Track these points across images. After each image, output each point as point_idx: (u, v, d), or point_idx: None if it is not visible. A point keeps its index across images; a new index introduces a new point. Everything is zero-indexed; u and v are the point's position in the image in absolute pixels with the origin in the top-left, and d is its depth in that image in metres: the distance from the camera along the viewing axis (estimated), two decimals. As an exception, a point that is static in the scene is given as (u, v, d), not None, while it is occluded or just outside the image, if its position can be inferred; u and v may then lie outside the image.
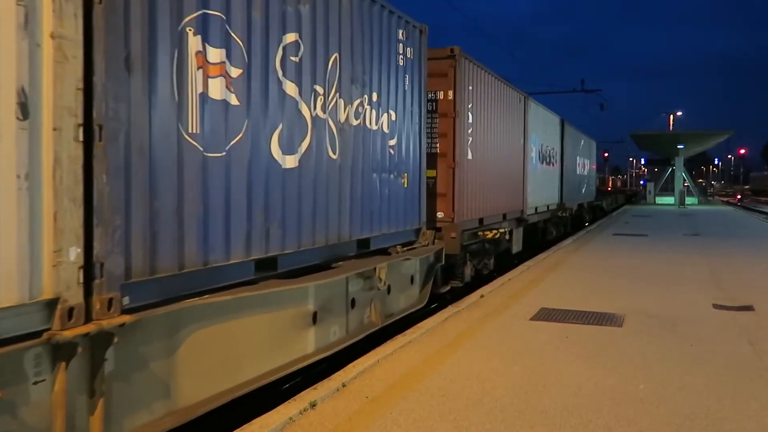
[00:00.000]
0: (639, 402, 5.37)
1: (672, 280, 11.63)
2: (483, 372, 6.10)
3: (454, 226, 10.33)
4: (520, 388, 5.66)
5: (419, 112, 8.78)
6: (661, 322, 8.30)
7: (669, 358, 6.67)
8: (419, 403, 5.27)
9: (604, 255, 15.61)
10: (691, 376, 6.07)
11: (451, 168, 10.44)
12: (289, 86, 5.64)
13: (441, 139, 10.50)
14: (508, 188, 14.04)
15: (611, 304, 9.42)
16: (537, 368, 6.25)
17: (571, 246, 17.84)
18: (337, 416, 4.96)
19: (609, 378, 5.98)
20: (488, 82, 12.38)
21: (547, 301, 9.62)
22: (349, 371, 6.02)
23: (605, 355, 6.74)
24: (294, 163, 5.73)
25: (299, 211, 5.83)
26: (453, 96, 10.46)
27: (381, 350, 6.79)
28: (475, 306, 9.27)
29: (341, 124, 6.59)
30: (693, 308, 9.20)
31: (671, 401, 5.41)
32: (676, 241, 19.01)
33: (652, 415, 5.08)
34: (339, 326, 6.60)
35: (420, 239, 8.82)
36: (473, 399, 5.37)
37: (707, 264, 13.94)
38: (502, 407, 5.20)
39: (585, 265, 13.80)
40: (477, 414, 5.06)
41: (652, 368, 6.31)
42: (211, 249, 4.66)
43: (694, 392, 5.64)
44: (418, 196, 8.77)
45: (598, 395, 5.51)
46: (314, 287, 6.01)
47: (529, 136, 16.11)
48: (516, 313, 8.77)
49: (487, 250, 12.86)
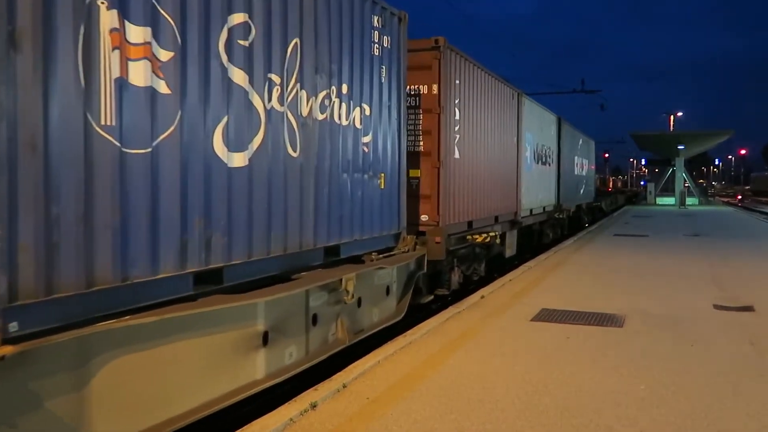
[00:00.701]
0: (640, 402, 5.38)
1: (673, 281, 11.57)
2: (484, 372, 6.11)
3: (439, 230, 9.59)
4: (520, 389, 5.66)
5: (398, 107, 8.04)
6: (661, 322, 8.29)
7: (670, 358, 6.66)
8: (420, 403, 5.28)
9: (605, 255, 15.57)
10: (692, 376, 6.08)
11: (436, 168, 9.67)
12: (237, 74, 4.93)
13: (425, 137, 9.73)
14: (501, 189, 13.29)
15: (612, 304, 9.40)
16: (538, 369, 6.25)
17: (572, 246, 17.80)
18: (337, 417, 4.96)
19: (610, 378, 5.99)
20: (477, 76, 11.60)
21: (548, 301, 9.59)
22: (350, 372, 6.02)
23: (606, 356, 6.73)
24: (243, 161, 5.02)
25: (250, 217, 5.12)
26: (438, 90, 9.69)
27: (382, 351, 6.78)
28: (475, 306, 9.26)
29: (303, 118, 5.88)
30: (694, 309, 9.17)
31: (672, 401, 5.41)
32: (677, 242, 18.95)
33: (653, 415, 5.07)
34: (297, 346, 5.83)
35: (399, 245, 8.11)
36: (474, 399, 5.39)
37: (708, 264, 13.86)
38: (503, 407, 5.21)
39: (586, 265, 13.76)
40: (478, 414, 5.06)
41: (653, 368, 6.30)
42: (132, 262, 3.96)
43: (695, 392, 5.64)
44: (398, 198, 8.04)
45: (599, 395, 5.52)
46: (264, 303, 5.26)
47: (523, 134, 15.31)
48: (517, 313, 8.78)
49: (478, 255, 12.14)
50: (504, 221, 13.62)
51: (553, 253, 16.26)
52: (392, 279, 8.06)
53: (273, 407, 5.17)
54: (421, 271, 8.80)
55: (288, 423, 4.79)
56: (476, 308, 9.14)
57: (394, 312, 8.14)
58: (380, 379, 5.87)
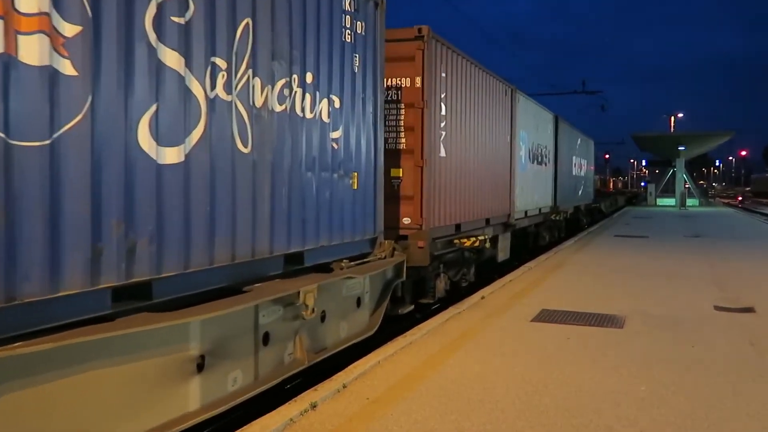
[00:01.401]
0: (640, 402, 5.36)
1: (673, 282, 11.50)
2: (484, 373, 6.09)
3: (422, 234, 8.91)
4: (520, 389, 5.63)
5: (374, 100, 7.38)
6: (662, 323, 8.25)
7: (670, 359, 6.63)
8: (420, 403, 5.26)
9: (606, 256, 15.53)
10: (693, 377, 6.05)
11: (420, 167, 8.98)
12: (169, 55, 4.24)
13: (407, 134, 9.04)
14: (492, 190, 12.59)
15: (612, 305, 9.37)
16: (538, 369, 6.23)
17: (573, 247, 17.73)
18: (337, 417, 4.93)
19: (610, 378, 5.97)
20: (466, 70, 10.89)
21: (548, 302, 9.56)
22: (350, 372, 5.98)
23: (606, 356, 6.70)
24: (178, 157, 4.31)
25: (187, 220, 4.42)
26: (421, 84, 8.99)
27: (382, 351, 6.74)
28: (476, 307, 9.23)
29: (257, 109, 5.21)
30: (694, 309, 9.14)
31: (672, 401, 5.39)
32: (677, 243, 18.89)
33: (653, 415, 5.05)
34: (244, 370, 5.11)
35: (376, 251, 7.46)
36: (474, 399, 5.36)
37: (708, 265, 13.81)
38: (503, 408, 5.18)
39: (586, 266, 13.74)
40: (478, 414, 5.04)
41: (653, 369, 6.28)
42: (23, 277, 3.28)
43: (695, 392, 5.62)
44: (373, 199, 7.37)
45: (599, 395, 5.49)
46: (200, 323, 4.52)
47: (517, 132, 14.61)
48: (517, 314, 8.73)
49: (467, 260, 11.44)
50: (496, 224, 12.96)
51: (554, 253, 16.12)
52: (364, 289, 7.34)
53: (273, 407, 5.10)
54: (400, 279, 8.15)
55: (288, 423, 4.76)
56: (477, 308, 9.10)
57: (367, 326, 7.42)
58: (380, 380, 5.87)
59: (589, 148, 30.64)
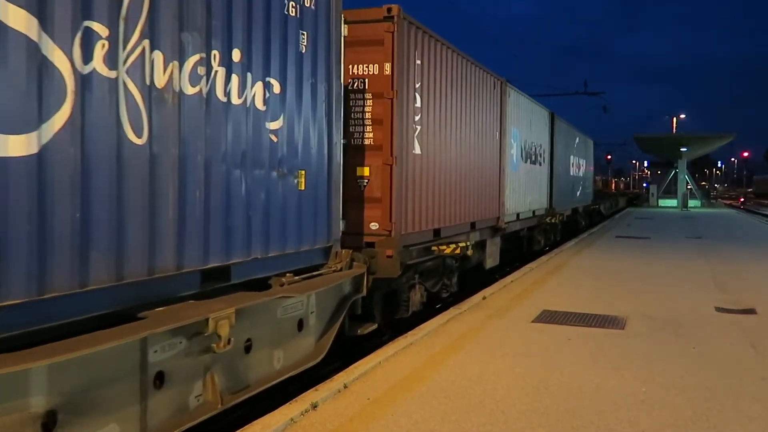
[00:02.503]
0: (641, 404, 5.33)
1: (674, 283, 11.49)
2: (485, 373, 6.07)
3: (391, 241, 7.73)
4: (521, 390, 5.61)
5: (327, 86, 6.33)
6: (663, 324, 8.22)
7: (671, 361, 6.61)
8: (421, 404, 5.24)
9: (607, 257, 15.49)
10: (694, 379, 6.04)
11: (389, 165, 7.83)
12: (13, 14, 3.32)
13: (375, 128, 7.90)
14: (478, 191, 11.41)
15: (613, 306, 9.33)
16: (539, 370, 6.20)
17: (574, 248, 17.68)
18: (338, 417, 4.93)
19: (611, 380, 5.95)
20: (447, 58, 9.59)
21: (549, 303, 9.50)
22: (351, 372, 5.95)
23: (607, 357, 6.68)
24: (26, 147, 3.42)
25: (41, 230, 3.48)
26: (391, 71, 7.79)
27: (383, 352, 6.69)
28: (477, 308, 9.18)
29: (158, 90, 4.23)
30: (695, 311, 9.11)
31: (673, 403, 5.38)
32: (679, 244, 18.86)
33: (654, 417, 5.04)
34: (122, 424, 3.95)
35: (330, 262, 6.45)
36: (475, 400, 5.35)
37: (710, 267, 13.78)
38: (504, 409, 5.17)
39: (587, 267, 13.70)
40: (479, 415, 5.02)
41: (654, 370, 6.26)
42: None
43: (696, 394, 5.60)
44: (326, 201, 6.30)
45: (600, 397, 5.48)
46: (47, 369, 3.45)
47: (508, 129, 13.59)
48: (518, 315, 8.70)
49: (448, 268, 10.24)
50: (483, 228, 11.83)
51: (555, 254, 16.09)
52: (308, 309, 6.12)
53: (274, 407, 5.08)
54: (360, 294, 7.00)
55: (289, 423, 4.74)
56: (478, 309, 9.05)
57: (312, 352, 6.20)
58: (381, 380, 5.84)
59: (589, 148, 29.51)
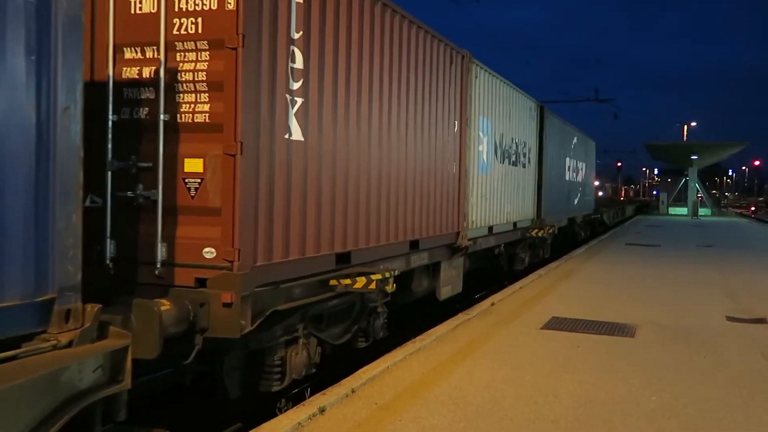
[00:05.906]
0: (650, 413, 5.29)
1: (685, 292, 11.45)
2: (493, 381, 6.02)
3: (232, 279, 4.88)
4: (530, 398, 5.56)
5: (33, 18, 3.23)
6: (673, 333, 8.17)
7: (681, 370, 6.58)
8: (429, 410, 5.19)
9: (616, 265, 15.37)
10: (704, 388, 6.00)
11: (232, 155, 4.91)
12: None
13: (213, 96, 5.03)
14: (424, 198, 8.60)
15: (623, 314, 9.26)
16: (548, 378, 6.15)
17: (583, 255, 17.60)
18: (346, 422, 4.89)
19: (620, 388, 5.90)
20: (365, 7, 6.82)
21: (558, 310, 9.45)
22: (359, 377, 5.91)
23: (617, 366, 6.63)
24: None
25: None
26: (236, 4, 4.93)
27: (391, 357, 6.64)
28: (485, 314, 9.10)
29: None
30: (706, 320, 9.07)
31: (683, 413, 5.33)
32: (689, 252, 18.81)
33: (663, 427, 4.99)
34: None
35: (50, 330, 3.37)
36: (483, 408, 5.29)
37: (720, 276, 13.69)
38: (513, 417, 5.11)
39: (597, 274, 13.59)
40: (487, 423, 4.96)
41: (663, 379, 6.21)
42: None
43: (706, 404, 5.57)
44: (37, 216, 3.27)
45: (609, 406, 5.43)
46: None
47: (475, 119, 10.75)
48: (527, 321, 8.63)
49: (367, 309, 7.43)
50: (433, 247, 8.99)
51: (564, 261, 16.02)
52: None
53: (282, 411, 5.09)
54: (119, 385, 3.64)
55: (296, 427, 4.72)
56: (486, 315, 9.01)
57: None
58: (389, 385, 5.81)
59: (589, 150, 25.50)
